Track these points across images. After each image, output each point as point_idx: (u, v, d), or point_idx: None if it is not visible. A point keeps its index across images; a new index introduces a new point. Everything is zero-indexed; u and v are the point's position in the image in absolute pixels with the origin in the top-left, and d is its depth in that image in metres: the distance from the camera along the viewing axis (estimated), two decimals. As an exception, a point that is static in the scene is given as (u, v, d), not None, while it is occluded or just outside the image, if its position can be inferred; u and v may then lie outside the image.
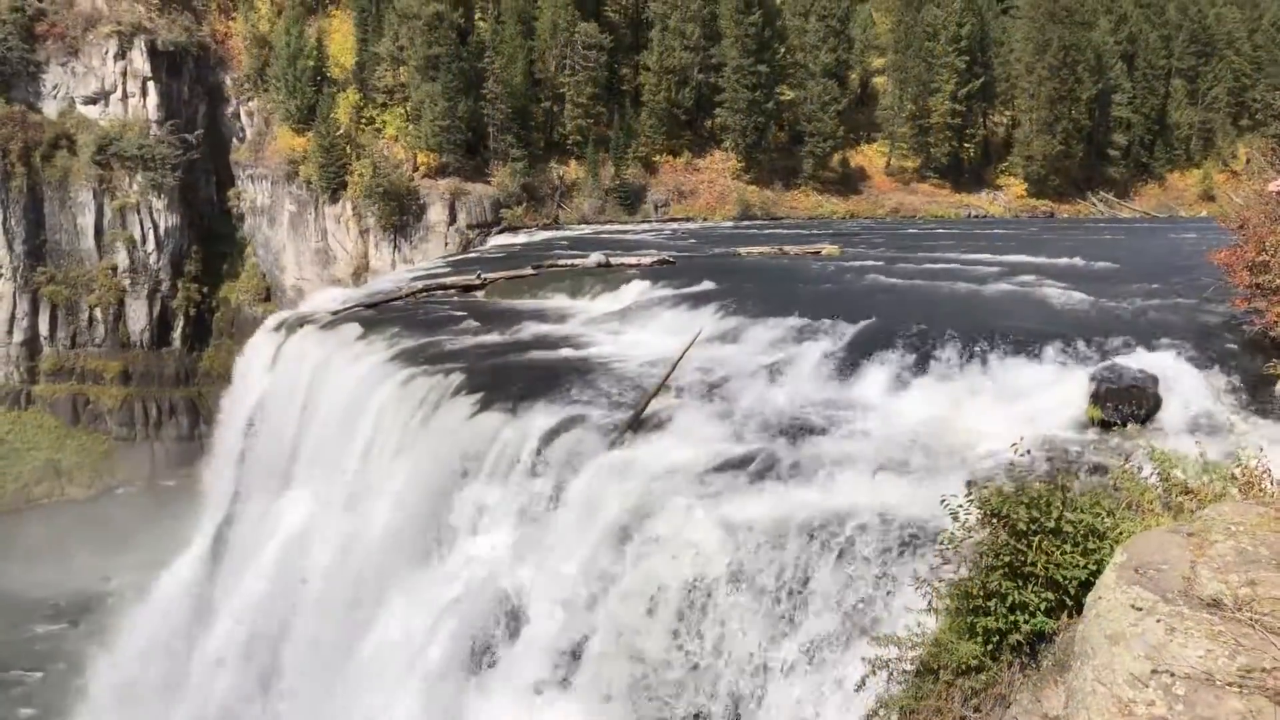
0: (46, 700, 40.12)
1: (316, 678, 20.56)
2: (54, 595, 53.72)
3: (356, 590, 20.65)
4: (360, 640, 19.25)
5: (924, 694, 9.95)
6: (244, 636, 24.44)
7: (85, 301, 69.31)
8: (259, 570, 25.31)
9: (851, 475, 14.85)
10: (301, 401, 28.83)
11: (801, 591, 12.79)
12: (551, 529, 16.97)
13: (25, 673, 46.33)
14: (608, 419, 18.55)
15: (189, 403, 70.76)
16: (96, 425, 70.72)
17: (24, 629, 50.66)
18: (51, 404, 70.40)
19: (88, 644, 37.42)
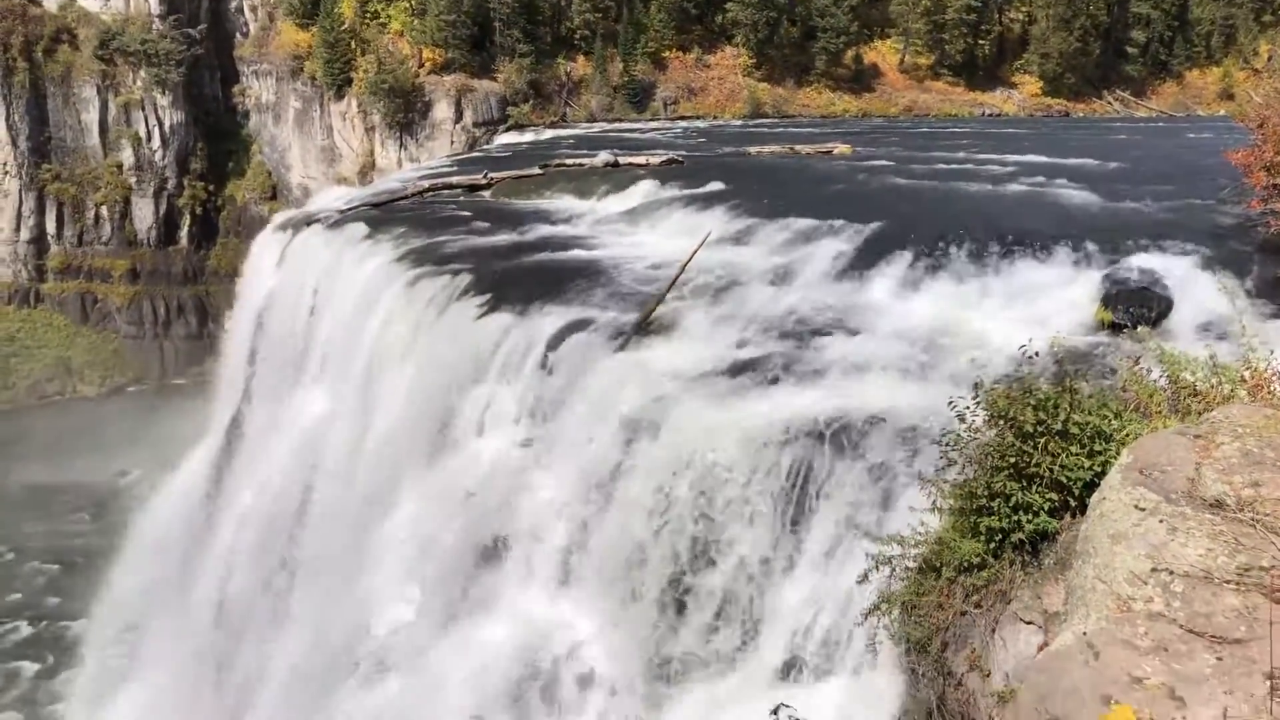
0: (69, 589, 41.14)
1: (329, 569, 20.99)
2: (71, 489, 54.67)
3: (367, 486, 20.93)
4: (372, 534, 19.59)
5: (925, 590, 10.12)
6: (258, 530, 24.89)
7: (91, 200, 68.98)
8: (272, 466, 25.65)
9: (859, 377, 14.90)
10: (309, 301, 28.85)
11: (806, 491, 12.94)
12: (559, 429, 17.11)
13: (45, 565, 47.42)
14: (616, 321, 18.54)
15: (197, 301, 70.91)
16: (105, 324, 71.02)
17: (43, 522, 51.68)
18: (60, 302, 70.62)
19: (107, 536, 38.24)
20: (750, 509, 13.27)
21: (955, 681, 9.43)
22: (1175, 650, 5.79)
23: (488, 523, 17.23)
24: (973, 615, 9.54)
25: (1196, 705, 5.35)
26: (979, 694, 9.11)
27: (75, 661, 34.00)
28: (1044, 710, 5.73)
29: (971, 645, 9.40)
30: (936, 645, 9.80)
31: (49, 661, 38.47)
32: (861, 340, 16.18)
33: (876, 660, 10.88)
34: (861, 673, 11.24)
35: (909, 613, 10.22)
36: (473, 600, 16.72)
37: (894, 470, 12.45)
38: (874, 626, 10.76)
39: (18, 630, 42.10)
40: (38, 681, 37.75)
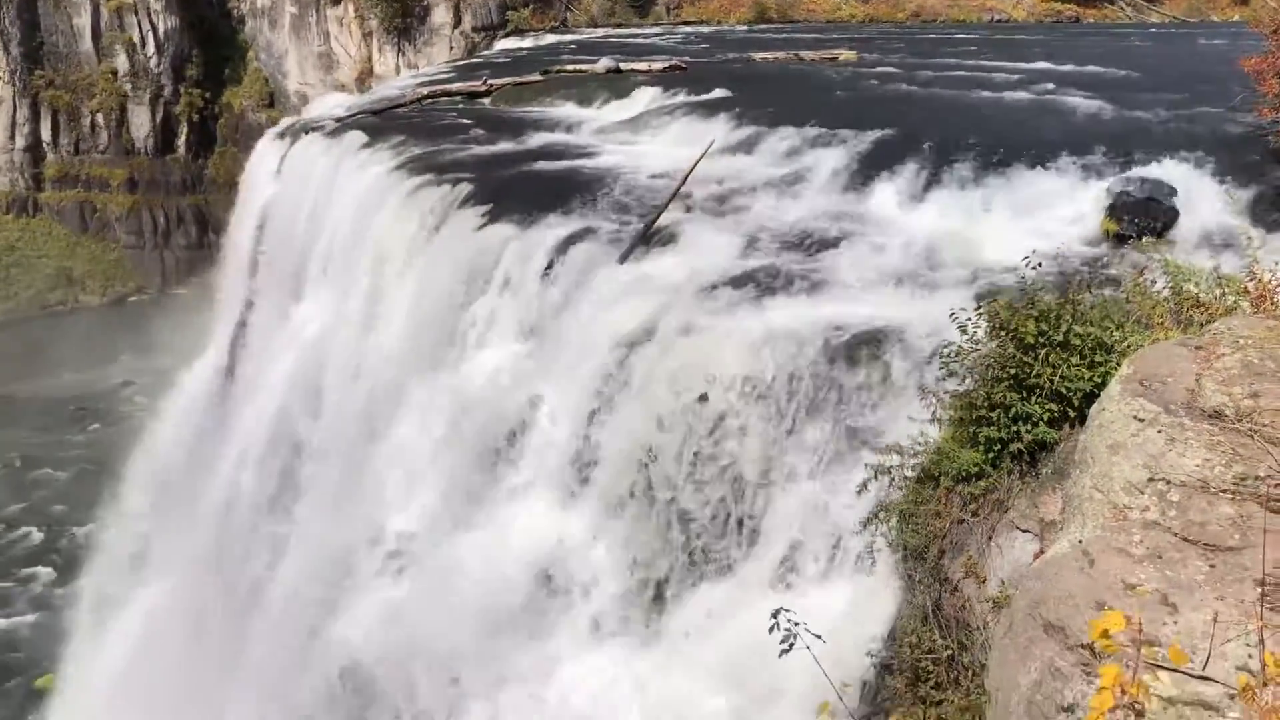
0: (77, 497, 41.68)
1: (335, 476, 21.23)
2: (76, 399, 55.04)
3: (371, 396, 21.06)
4: (377, 443, 19.76)
5: (924, 499, 10.26)
6: (264, 439, 25.11)
7: (86, 107, 68.09)
8: (276, 376, 25.77)
9: (861, 288, 14.88)
10: (309, 211, 28.67)
11: (806, 401, 13.01)
12: (561, 341, 17.13)
13: (54, 472, 47.96)
14: (618, 232, 18.44)
15: (196, 211, 70.45)
16: (105, 234, 70.68)
17: (50, 431, 52.13)
18: (59, 212, 70.19)
19: (113, 445, 38.62)
20: (750, 419, 13.36)
21: (951, 588, 9.61)
22: (1169, 558, 5.88)
23: (491, 433, 17.36)
24: (970, 523, 9.68)
25: (1188, 610, 5.45)
26: (974, 600, 9.29)
27: (86, 567, 34.61)
28: (1038, 616, 5.84)
29: (968, 553, 9.55)
30: (933, 553, 9.96)
31: (60, 566, 39.19)
32: (864, 251, 16.11)
33: (873, 568, 11.07)
34: (858, 580, 11.44)
35: (907, 521, 10.37)
36: (477, 508, 16.93)
37: (894, 381, 12.50)
38: (872, 535, 10.93)
39: (29, 537, 42.80)
40: (51, 586, 38.51)
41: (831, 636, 8.96)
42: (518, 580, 15.58)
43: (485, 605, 15.68)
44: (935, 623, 9.60)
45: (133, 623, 28.28)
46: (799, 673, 9.06)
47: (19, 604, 38.35)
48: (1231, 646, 5.11)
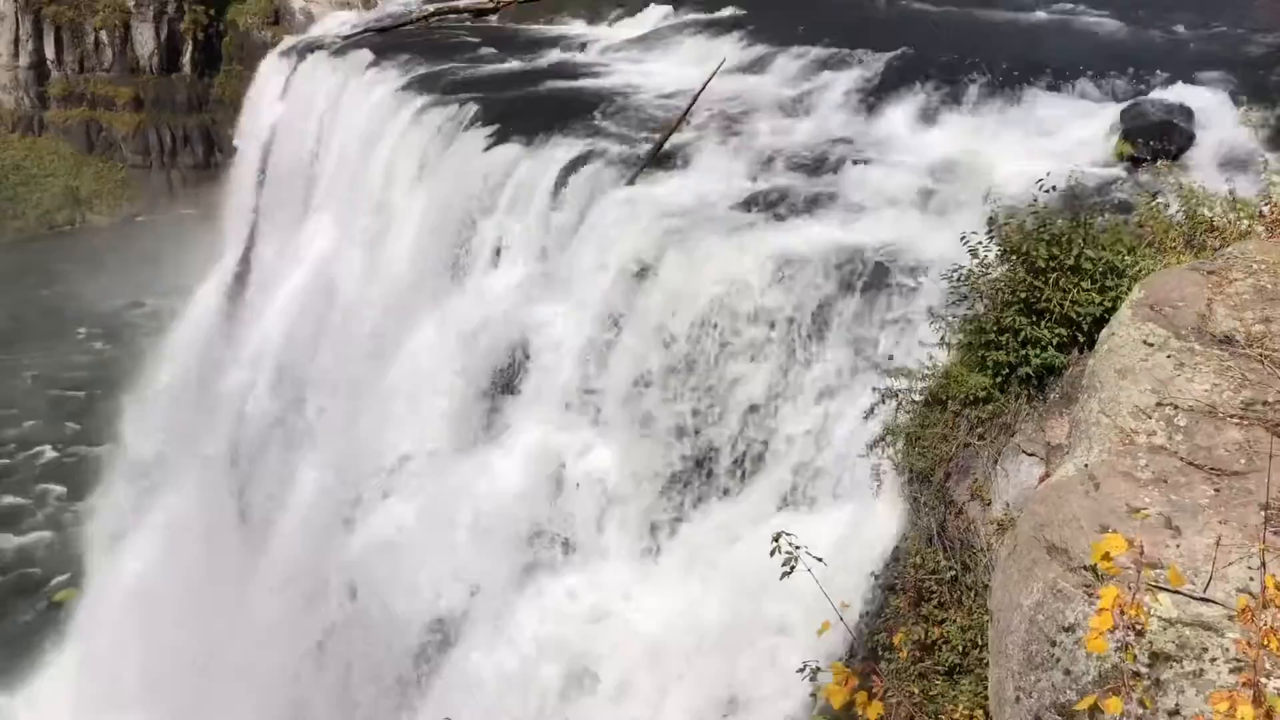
0: (89, 416, 42.03)
1: (346, 399, 21.36)
2: (87, 318, 55.16)
3: (380, 318, 21.08)
4: (387, 365, 19.83)
5: (931, 422, 10.29)
6: (274, 360, 25.22)
7: (90, 24, 67.11)
8: (285, 296, 25.78)
9: (872, 211, 14.76)
10: (316, 131, 28.41)
11: (815, 324, 12.99)
12: (569, 263, 17.08)
13: (65, 391, 48.28)
14: (626, 153, 18.26)
15: (203, 130, 69.73)
16: (111, 153, 70.16)
17: (61, 350, 52.34)
18: (65, 130, 69.62)
19: (124, 365, 38.82)
20: (759, 341, 13.36)
21: (956, 510, 9.68)
22: (1175, 482, 5.90)
23: (500, 354, 17.41)
24: (976, 447, 9.71)
25: (1191, 534, 5.48)
26: (979, 522, 9.36)
27: (98, 486, 35.02)
28: (1042, 538, 5.88)
29: (974, 476, 9.60)
30: (939, 475, 10.02)
31: (73, 485, 39.65)
32: (876, 173, 15.92)
33: (880, 490, 11.14)
34: (863, 502, 11.53)
35: (913, 444, 10.41)
36: (487, 428, 17.05)
37: (903, 305, 12.46)
38: (879, 458, 10.98)
39: (42, 454, 43.24)
40: (65, 503, 39.03)
41: (835, 558, 9.07)
42: (524, 497, 15.75)
43: (492, 521, 15.88)
44: (940, 544, 9.69)
45: (148, 538, 28.71)
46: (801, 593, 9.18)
47: (34, 520, 38.91)
48: (1234, 569, 5.15)
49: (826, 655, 9.22)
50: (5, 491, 40.88)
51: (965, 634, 8.90)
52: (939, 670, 8.91)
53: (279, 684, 19.65)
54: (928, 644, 9.13)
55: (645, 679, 13.63)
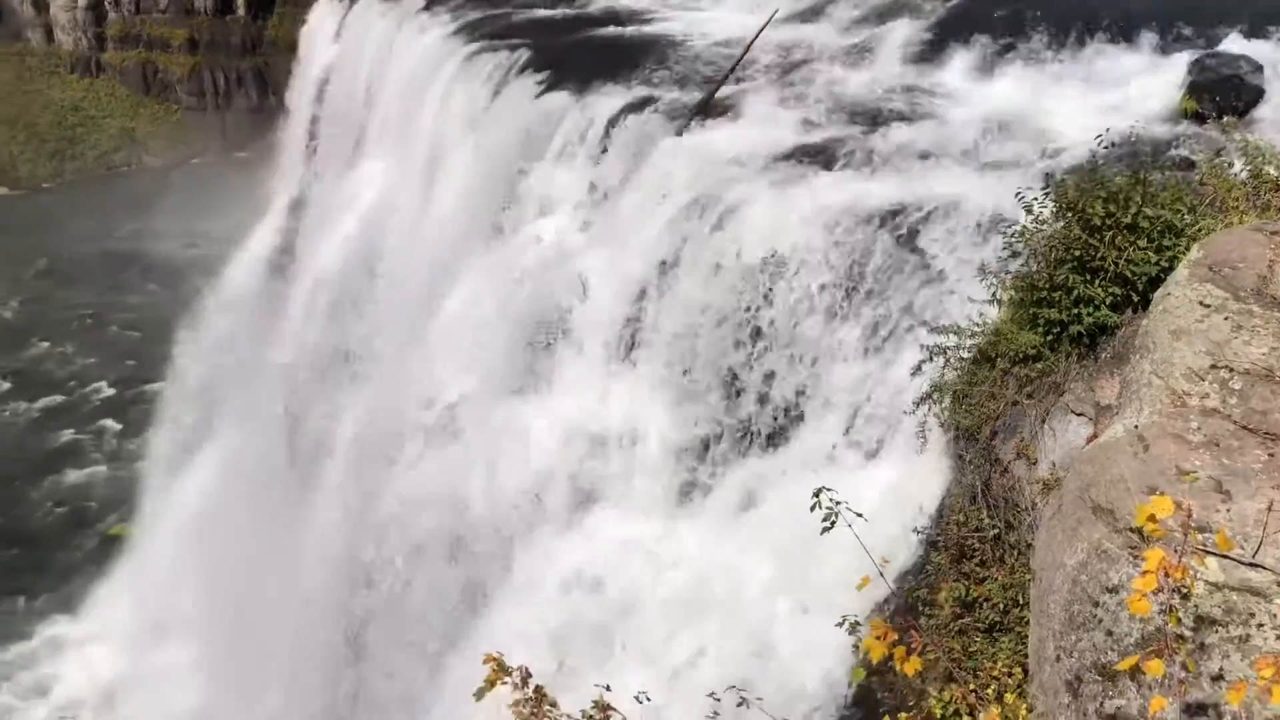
0: (145, 354, 42.85)
1: (394, 340, 21.57)
2: (143, 258, 56.08)
3: (428, 263, 21.20)
4: (434, 309, 19.98)
5: (979, 380, 10.18)
6: (325, 301, 25.49)
7: (146, -36, 67.54)
8: (336, 240, 26.00)
9: (926, 164, 14.51)
10: (367, 75, 28.48)
11: (865, 278, 12.87)
12: (617, 212, 17.03)
13: (121, 329, 49.22)
14: (677, 102, 18.09)
15: (256, 73, 70.14)
16: (167, 95, 70.89)
17: (117, 289, 53.31)
18: (121, 72, 70.38)
19: (179, 305, 39.45)
20: (807, 295, 13.27)
21: (1001, 468, 9.60)
22: (1227, 445, 5.80)
23: (545, 302, 17.45)
24: (1024, 405, 9.60)
25: (1242, 499, 5.39)
26: (1024, 481, 9.28)
27: (154, 422, 35.79)
28: (1088, 499, 5.82)
29: (1020, 434, 9.51)
30: (986, 433, 9.93)
31: (129, 420, 40.57)
32: (931, 126, 15.65)
33: (924, 447, 11.07)
34: (907, 459, 11.47)
35: (960, 401, 10.31)
36: (531, 374, 17.15)
37: (954, 260, 12.29)
38: (924, 414, 10.90)
39: (99, 391, 44.26)
40: (121, 439, 39.97)
41: (877, 514, 9.05)
42: (565, 443, 15.85)
43: (533, 467, 16.02)
44: (984, 502, 9.63)
45: (200, 475, 29.35)
46: (841, 548, 9.19)
47: (92, 455, 39.90)
48: (1283, 535, 5.07)
49: (865, 611, 9.23)
50: (64, 427, 41.97)
51: (1006, 592, 8.87)
52: (979, 627, 8.89)
53: (326, 619, 20.09)
54: (968, 601, 9.11)
55: (681, 629, 13.74)
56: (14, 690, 28.74)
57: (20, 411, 43.13)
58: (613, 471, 15.49)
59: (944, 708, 6.92)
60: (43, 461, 39.49)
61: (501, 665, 6.83)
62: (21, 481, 38.17)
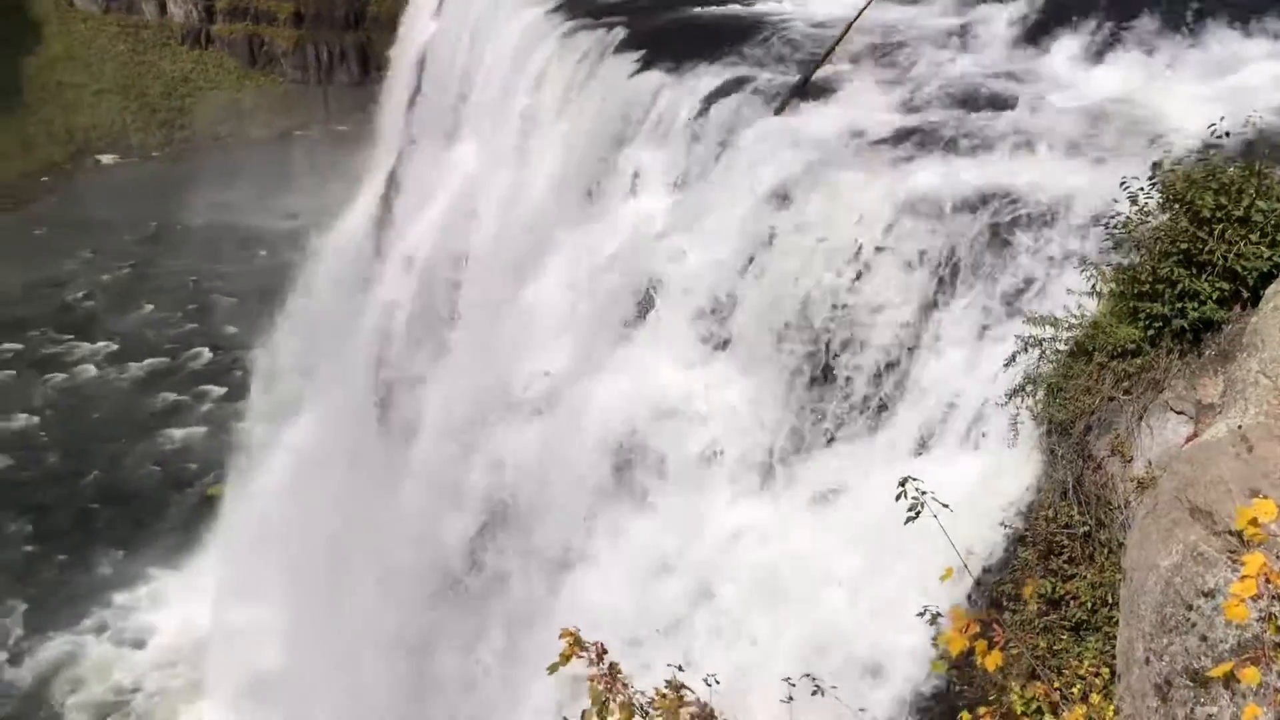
0: (245, 321, 44.11)
1: (485, 316, 21.83)
2: (244, 228, 57.68)
3: (520, 240, 21.39)
4: (525, 285, 20.16)
5: (1074, 373, 9.94)
6: (419, 275, 25.91)
7: (254, -61, 69.13)
8: (431, 215, 26.39)
9: (1028, 151, 14.15)
10: (466, 52, 28.73)
11: (960, 266, 12.63)
12: (708, 193, 16.96)
13: (223, 297, 50.71)
14: (773, 83, 17.91)
15: (359, 48, 71.47)
16: (271, 68, 72.62)
17: (220, 258, 54.93)
18: (229, 44, 72.25)
19: (278, 274, 40.51)
20: (901, 283, 13.07)
21: (1094, 465, 9.38)
22: (1335, 450, 5.58)
23: (634, 282, 17.49)
24: (1121, 401, 9.35)
25: (1350, 506, 5.18)
26: (1118, 478, 9.06)
27: (251, 387, 36.83)
28: (1185, 499, 5.65)
29: (1116, 431, 9.27)
30: (1079, 429, 9.70)
31: (229, 385, 41.84)
32: (1033, 112, 15.25)
33: (1015, 440, 10.86)
34: (997, 451, 11.27)
35: (1054, 395, 10.09)
36: (616, 353, 17.22)
37: (1055, 251, 12.00)
38: (1017, 407, 10.69)
39: (200, 355, 45.75)
40: (221, 403, 41.26)
41: (964, 506, 8.91)
42: (648, 424, 15.89)
43: (616, 445, 16.11)
44: (1075, 498, 9.41)
45: (294, 440, 30.15)
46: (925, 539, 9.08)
47: (193, 417, 41.27)
48: (1394, 546, 4.86)
49: (947, 603, 9.11)
50: (166, 389, 43.49)
51: (1095, 591, 8.68)
52: (1064, 625, 8.72)
53: (411, 588, 20.51)
54: (1054, 598, 8.94)
55: (757, 613, 13.72)
56: (114, 640, 29.97)
57: (126, 373, 44.77)
58: (695, 452, 15.49)
59: (1025, 704, 6.81)
60: (145, 422, 40.98)
61: (578, 640, 6.92)
62: (125, 441, 39.68)
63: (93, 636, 30.06)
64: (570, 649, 6.85)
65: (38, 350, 46.76)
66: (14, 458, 38.80)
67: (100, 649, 29.66)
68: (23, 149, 66.71)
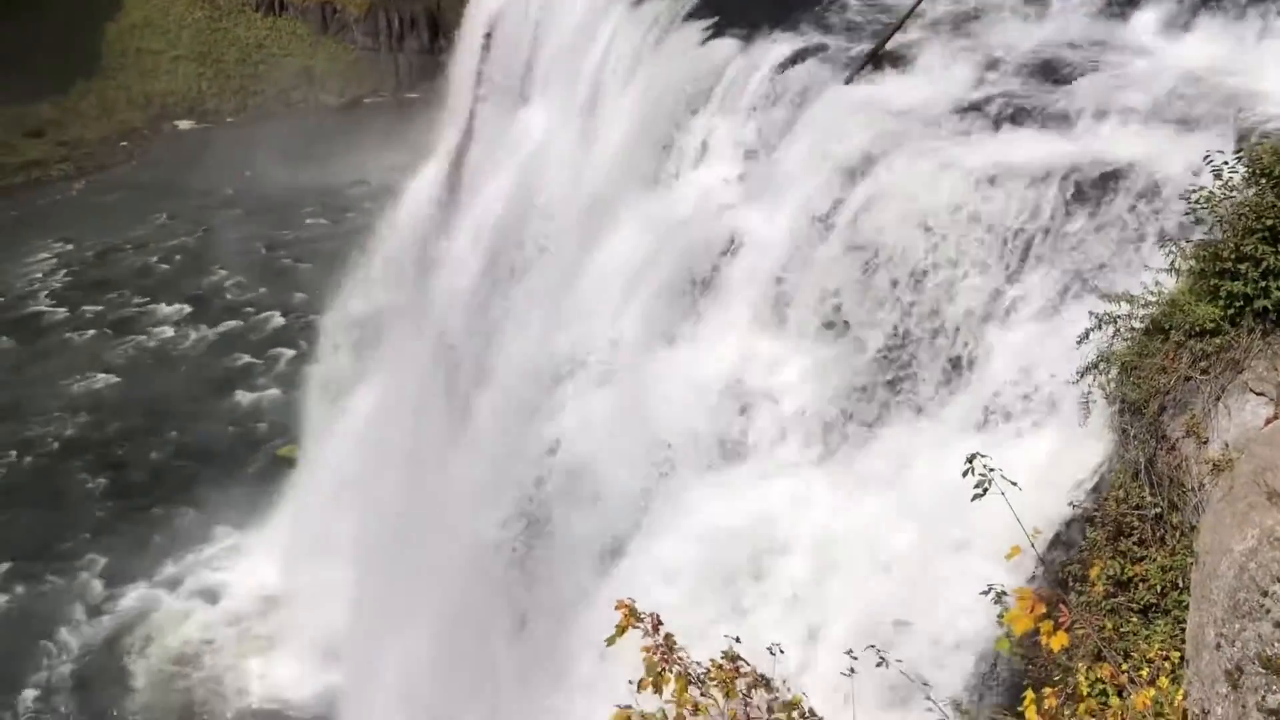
0: (314, 285, 44.81)
1: (550, 286, 21.94)
2: (314, 193, 58.51)
3: (586, 208, 21.42)
4: (590, 255, 20.21)
5: (1150, 352, 9.75)
6: (485, 244, 26.10)
7: (327, -95, 69.64)
8: (499, 183, 26.52)
9: (1107, 124, 13.78)
10: (535, 20, 28.72)
11: (1033, 241, 12.40)
12: (777, 164, 16.81)
13: (294, 261, 51.55)
14: (846, 51, 17.66)
15: (429, 15, 71.83)
16: (343, 35, 73.30)
17: (291, 223, 55.80)
18: (302, 11, 73.07)
19: (346, 239, 41.07)
20: (970, 254, 12.88)
21: (1168, 446, 9.20)
22: None
23: (699, 254, 17.43)
24: (1197, 381, 9.15)
25: None
26: (1192, 460, 8.88)
27: (322, 350, 37.45)
28: (1263, 483, 5.52)
29: (1191, 411, 9.07)
30: (1153, 409, 9.51)
31: (300, 348, 42.59)
32: (1115, 83, 14.83)
33: (1086, 419, 10.69)
34: (1067, 430, 11.10)
35: (1128, 373, 9.91)
36: (680, 324, 17.21)
37: (1133, 225, 11.73)
38: (1088, 385, 10.51)
39: (272, 319, 46.58)
40: (292, 365, 42.03)
41: (1031, 484, 8.79)
42: (710, 397, 15.87)
43: (678, 416, 16.12)
44: (1146, 479, 9.25)
45: (362, 404, 30.67)
46: (991, 517, 8.98)
47: (265, 379, 42.12)
48: None
49: (1012, 581, 9.02)
50: (239, 351, 44.40)
51: (1165, 574, 8.53)
52: (1132, 608, 8.60)
53: (476, 553, 20.80)
54: (1123, 580, 8.81)
55: (816, 590, 13.70)
56: (186, 595, 30.85)
57: (200, 335, 45.79)
58: (758, 425, 15.46)
59: (1091, 686, 6.73)
60: (219, 383, 41.92)
61: (633, 612, 6.97)
62: (199, 401, 40.65)
63: (166, 591, 30.94)
64: (626, 620, 6.90)
65: (117, 311, 47.98)
66: (93, 416, 39.94)
67: (174, 603, 30.53)
68: (103, 113, 68.23)
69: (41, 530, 33.58)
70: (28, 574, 31.73)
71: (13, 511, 34.70)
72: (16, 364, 43.99)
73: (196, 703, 27.40)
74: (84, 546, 32.78)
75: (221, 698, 27.46)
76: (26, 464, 37.18)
